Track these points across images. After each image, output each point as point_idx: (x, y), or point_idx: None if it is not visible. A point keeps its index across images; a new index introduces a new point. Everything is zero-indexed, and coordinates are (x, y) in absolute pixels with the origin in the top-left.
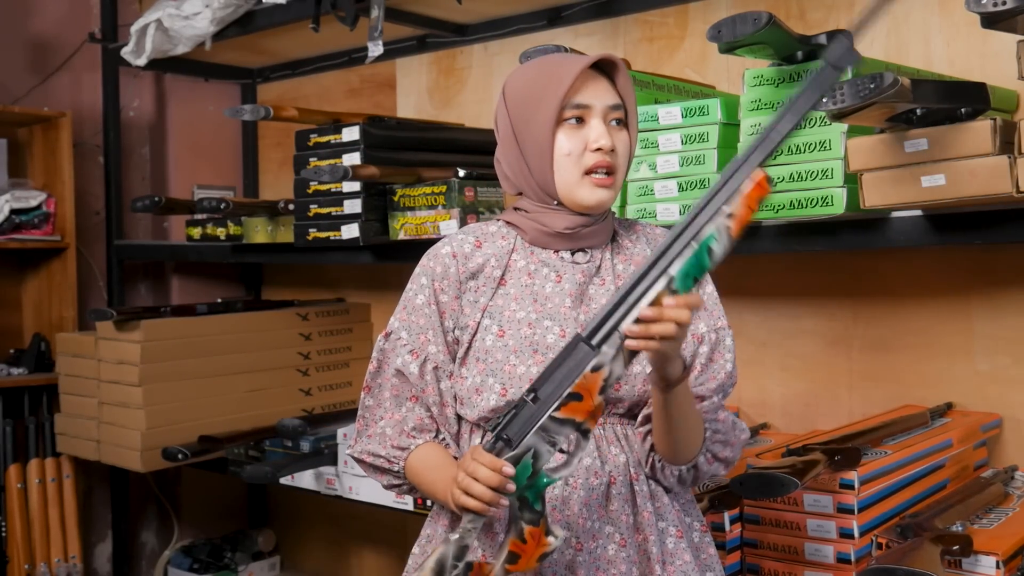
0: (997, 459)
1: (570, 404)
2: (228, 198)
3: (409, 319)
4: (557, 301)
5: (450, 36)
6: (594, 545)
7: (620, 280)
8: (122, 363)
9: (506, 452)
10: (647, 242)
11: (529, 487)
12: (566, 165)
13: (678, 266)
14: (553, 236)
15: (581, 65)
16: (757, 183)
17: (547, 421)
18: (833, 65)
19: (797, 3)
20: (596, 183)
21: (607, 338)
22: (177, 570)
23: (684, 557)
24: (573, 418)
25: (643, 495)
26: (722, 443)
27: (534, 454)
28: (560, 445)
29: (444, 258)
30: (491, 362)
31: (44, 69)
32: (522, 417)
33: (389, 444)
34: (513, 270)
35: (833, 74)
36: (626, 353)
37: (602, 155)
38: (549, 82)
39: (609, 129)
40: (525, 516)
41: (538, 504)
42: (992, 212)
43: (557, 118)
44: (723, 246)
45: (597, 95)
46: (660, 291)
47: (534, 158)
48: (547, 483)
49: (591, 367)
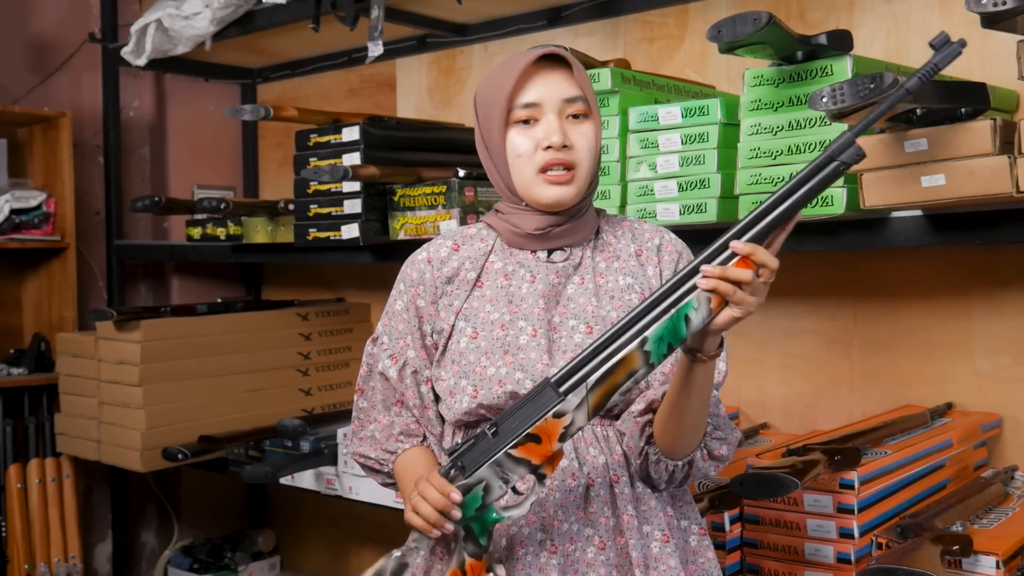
0: (997, 459)
1: (528, 445)
2: (228, 198)
3: (390, 324)
4: (531, 302)
5: (450, 36)
6: (572, 548)
7: (600, 278)
8: (122, 363)
9: (459, 479)
10: (633, 237)
11: (476, 519)
12: (519, 166)
13: (653, 329)
14: (525, 237)
15: (523, 64)
16: (742, 258)
17: (503, 457)
18: (841, 161)
19: (797, 3)
20: (550, 180)
21: (574, 388)
22: (177, 570)
23: (669, 562)
24: (529, 459)
25: (624, 498)
26: (719, 440)
27: (485, 487)
28: (513, 483)
29: (420, 264)
30: (464, 364)
31: (44, 69)
32: (479, 448)
33: (379, 448)
34: (489, 272)
35: (837, 171)
36: (589, 406)
37: (553, 153)
38: (500, 82)
39: (565, 123)
40: (469, 548)
41: (483, 539)
42: (992, 212)
43: (506, 119)
44: (701, 316)
45: (549, 90)
46: (631, 351)
47: (497, 159)
48: (495, 519)
49: (553, 413)
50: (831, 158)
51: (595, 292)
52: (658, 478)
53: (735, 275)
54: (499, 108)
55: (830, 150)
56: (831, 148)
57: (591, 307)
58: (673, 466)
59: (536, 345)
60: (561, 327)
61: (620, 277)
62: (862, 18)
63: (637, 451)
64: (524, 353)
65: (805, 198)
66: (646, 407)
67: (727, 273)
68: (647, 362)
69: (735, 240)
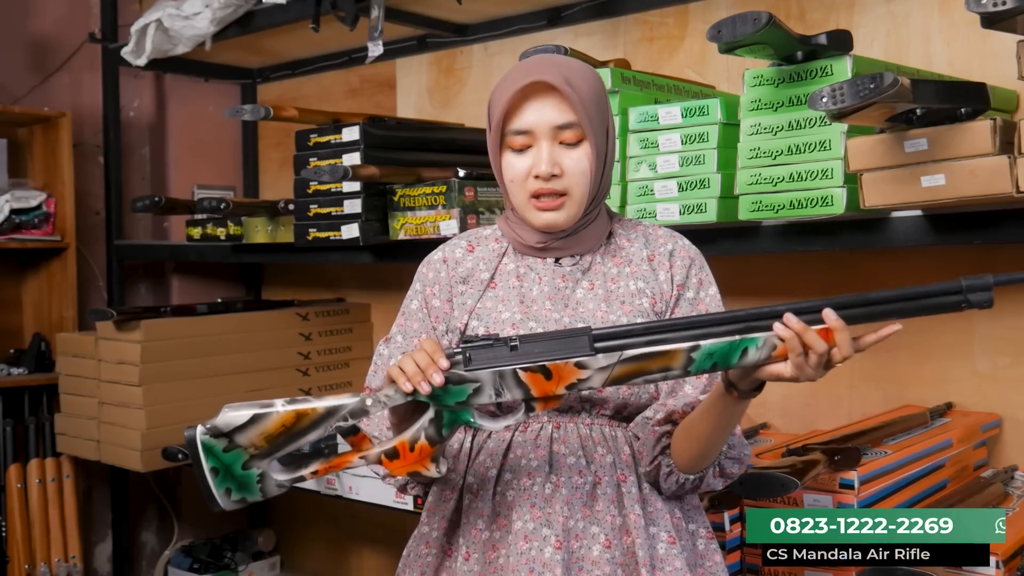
0: (997, 459)
1: (538, 375)
2: (228, 198)
3: (405, 324)
4: (541, 303)
5: (450, 36)
6: (577, 545)
7: (612, 283)
8: (122, 363)
9: (460, 368)
10: (646, 242)
11: (451, 409)
12: (513, 189)
13: (711, 342)
14: (528, 247)
15: (512, 91)
16: (827, 328)
17: (508, 371)
18: (966, 299)
19: (797, 3)
20: (539, 207)
21: (609, 350)
22: (177, 570)
23: (675, 564)
24: (530, 387)
25: (631, 497)
26: (733, 459)
27: (477, 388)
28: (503, 398)
29: (436, 264)
30: None
31: (44, 69)
32: (493, 352)
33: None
34: (503, 273)
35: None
36: (612, 375)
37: (542, 183)
38: (494, 106)
39: (557, 151)
40: (428, 431)
41: (446, 430)
42: (992, 212)
43: (500, 144)
44: (759, 356)
45: (540, 116)
46: (678, 348)
47: (498, 176)
48: (467, 420)
49: (576, 361)
50: (959, 290)
51: (605, 297)
52: (667, 487)
53: (811, 339)
54: (494, 133)
55: (966, 283)
56: (968, 282)
57: (600, 312)
58: (684, 479)
59: None
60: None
61: (631, 282)
62: (862, 18)
63: (649, 459)
64: None
65: (913, 310)
66: (665, 417)
67: (806, 334)
68: (685, 368)
69: (832, 312)
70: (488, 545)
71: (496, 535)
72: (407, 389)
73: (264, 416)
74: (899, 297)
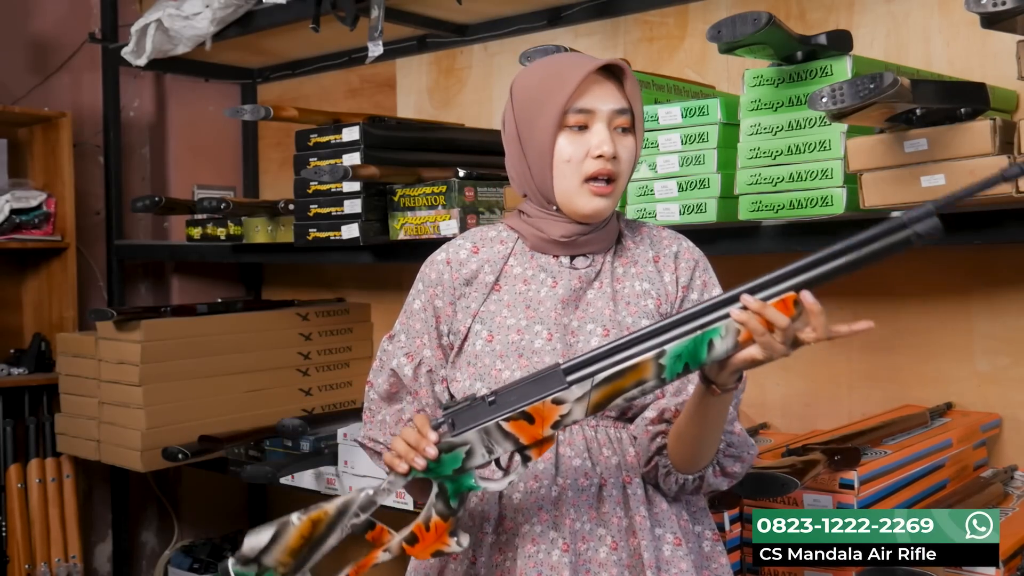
0: (997, 459)
1: (520, 422)
2: (228, 198)
3: (408, 323)
4: (549, 305)
5: (450, 36)
6: (584, 547)
7: (618, 283)
8: (122, 363)
9: (447, 436)
10: (651, 244)
11: (452, 480)
12: (566, 171)
13: (674, 344)
14: (551, 243)
15: (587, 69)
16: (782, 300)
17: (493, 426)
18: (916, 232)
19: (797, 3)
20: (594, 191)
21: (580, 380)
22: (177, 570)
23: (681, 566)
24: (518, 437)
25: (636, 499)
26: (734, 457)
27: (468, 450)
28: (497, 455)
29: (439, 264)
30: (480, 366)
31: (44, 69)
32: (473, 411)
33: (388, 432)
34: (509, 275)
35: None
36: (590, 402)
37: (603, 162)
38: (554, 85)
39: (613, 135)
40: (438, 507)
41: (455, 501)
42: (992, 212)
43: (559, 122)
44: (726, 346)
45: (602, 99)
46: (645, 360)
47: (536, 161)
48: (471, 486)
49: (553, 398)
50: (905, 225)
51: (612, 297)
52: (668, 489)
53: (772, 316)
54: (552, 110)
55: (907, 216)
56: (909, 215)
57: (608, 311)
58: (684, 479)
59: (551, 349)
60: (579, 331)
61: (637, 283)
62: (862, 18)
63: (645, 459)
64: (539, 357)
65: (866, 260)
66: (658, 416)
67: (764, 311)
68: (659, 376)
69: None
70: (495, 548)
71: (503, 538)
72: (402, 470)
73: (283, 532)
74: (849, 247)
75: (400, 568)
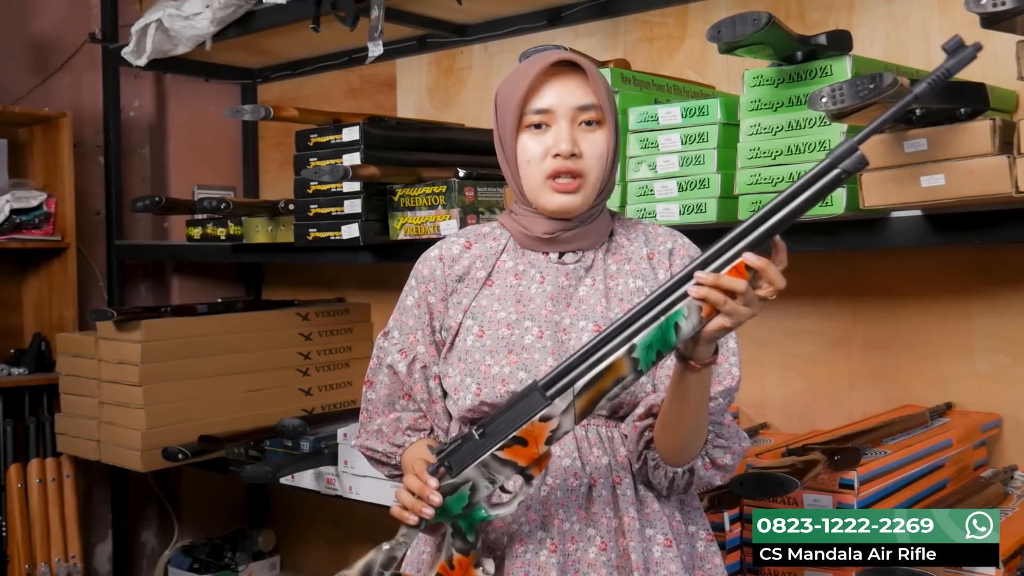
0: (997, 459)
1: (515, 447)
2: (228, 198)
3: (401, 319)
4: (539, 302)
5: (450, 36)
6: (573, 547)
7: (611, 280)
8: (122, 363)
9: (446, 478)
10: (646, 240)
11: (463, 517)
12: (528, 171)
13: (641, 336)
14: (535, 239)
15: (536, 69)
16: (735, 267)
17: (489, 458)
18: (843, 170)
19: (797, 3)
20: (556, 188)
21: (561, 392)
22: (177, 570)
23: (670, 567)
24: (516, 461)
25: (626, 499)
26: (723, 448)
27: (472, 486)
28: (500, 483)
29: (431, 261)
30: (470, 362)
31: (44, 69)
32: (466, 449)
33: (386, 441)
34: (500, 271)
35: (838, 178)
36: (576, 411)
37: (561, 161)
38: (515, 85)
39: (577, 131)
40: (457, 544)
41: (471, 535)
42: (992, 212)
43: (518, 123)
44: (691, 324)
45: (562, 97)
46: (619, 358)
47: (509, 162)
48: (483, 517)
49: (540, 416)
50: (832, 165)
51: (604, 293)
52: (659, 484)
53: (728, 284)
54: (512, 111)
55: (831, 157)
56: (833, 155)
57: (600, 307)
58: (673, 473)
59: (541, 346)
60: (571, 328)
61: (631, 280)
62: (862, 18)
63: (636, 455)
64: (528, 353)
65: (804, 206)
66: (646, 411)
67: (720, 282)
68: (635, 369)
69: (751, 254)
70: (484, 548)
71: (491, 537)
72: (413, 522)
73: None
74: (786, 199)
75: None
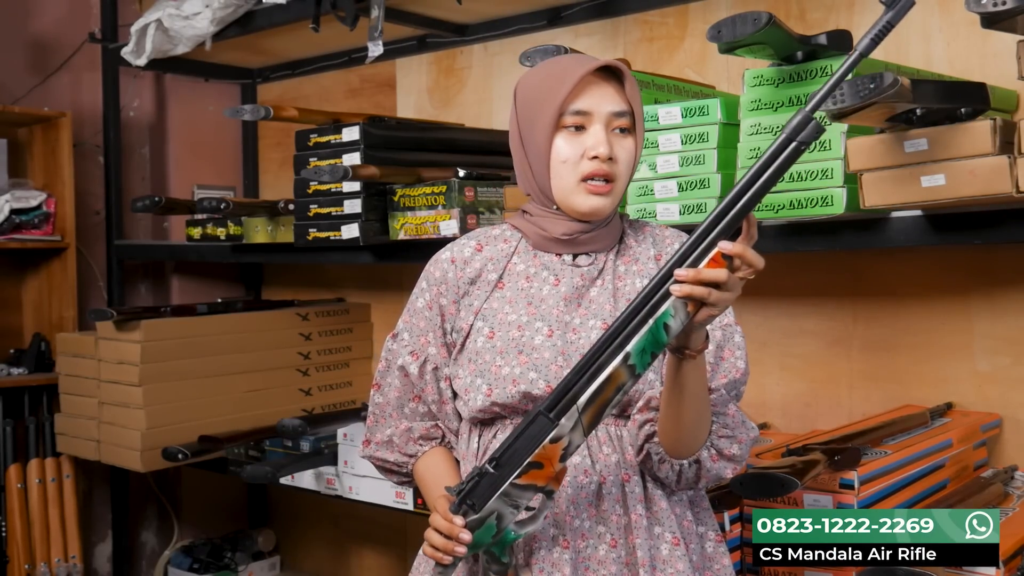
0: (997, 459)
1: (531, 472)
2: (228, 198)
3: (411, 321)
4: (551, 303)
5: (450, 36)
6: (583, 544)
7: (619, 281)
8: (122, 363)
9: (471, 515)
10: (653, 242)
11: (495, 544)
12: (562, 171)
13: (634, 343)
14: (552, 241)
15: (583, 71)
16: (712, 258)
17: (508, 487)
18: (800, 141)
19: (797, 3)
20: (590, 190)
21: (565, 411)
22: (177, 570)
23: (677, 566)
24: (535, 483)
25: (634, 497)
26: (728, 438)
27: (497, 516)
28: (523, 506)
29: (443, 263)
30: (480, 363)
31: (44, 69)
32: (484, 484)
33: (398, 451)
34: (511, 273)
35: (798, 150)
36: (584, 425)
37: (599, 163)
38: (552, 86)
39: (611, 136)
40: (493, 568)
41: (505, 557)
42: (992, 212)
43: (556, 123)
44: (680, 321)
45: (600, 101)
46: (616, 368)
47: (536, 161)
48: (513, 538)
49: (550, 439)
50: (790, 139)
51: (613, 293)
52: (667, 478)
53: (709, 277)
54: (549, 111)
55: (788, 130)
56: (789, 127)
57: (609, 307)
58: (680, 465)
59: (551, 345)
60: (580, 328)
61: (638, 280)
62: (862, 18)
63: (636, 448)
64: (539, 353)
65: (767, 184)
66: (644, 404)
67: (700, 276)
68: (633, 374)
69: (727, 243)
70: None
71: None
72: (448, 562)
73: None
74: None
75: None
